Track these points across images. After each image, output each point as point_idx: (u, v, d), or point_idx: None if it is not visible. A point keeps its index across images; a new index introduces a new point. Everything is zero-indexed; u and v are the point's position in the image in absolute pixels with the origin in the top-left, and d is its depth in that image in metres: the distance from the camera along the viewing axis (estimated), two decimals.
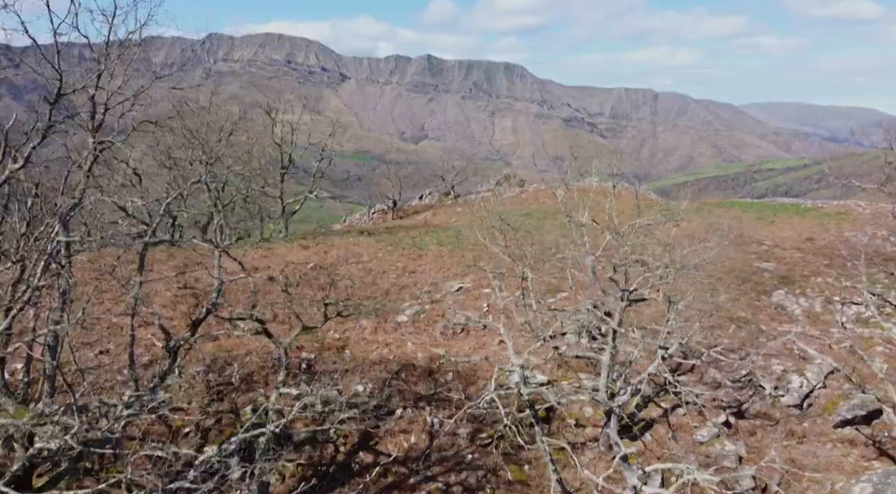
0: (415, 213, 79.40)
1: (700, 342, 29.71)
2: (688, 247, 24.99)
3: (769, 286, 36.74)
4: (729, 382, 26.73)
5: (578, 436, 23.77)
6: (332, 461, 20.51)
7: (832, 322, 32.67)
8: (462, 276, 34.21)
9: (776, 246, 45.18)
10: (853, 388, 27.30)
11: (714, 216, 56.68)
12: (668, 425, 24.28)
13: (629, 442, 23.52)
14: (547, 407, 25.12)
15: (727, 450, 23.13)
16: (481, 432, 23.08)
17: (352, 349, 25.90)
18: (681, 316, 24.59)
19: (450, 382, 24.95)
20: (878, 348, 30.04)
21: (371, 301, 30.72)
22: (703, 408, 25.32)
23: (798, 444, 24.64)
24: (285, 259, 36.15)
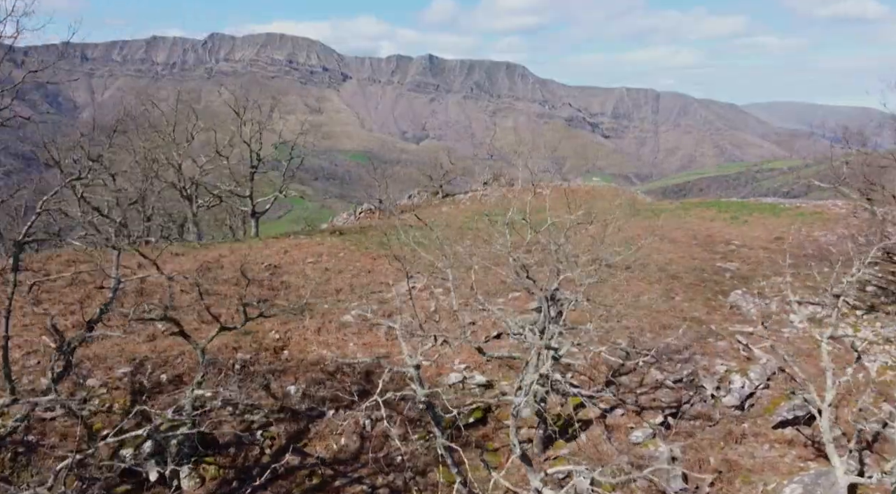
0: (402, 213, 79.42)
1: (644, 342, 29.81)
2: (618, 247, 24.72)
3: (728, 286, 36.68)
4: (670, 382, 26.67)
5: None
6: (256, 463, 20.47)
7: (786, 321, 32.62)
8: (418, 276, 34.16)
9: (744, 245, 45.13)
10: (796, 388, 27.29)
11: (690, 216, 56.79)
12: (604, 426, 24.22)
13: (563, 443, 23.50)
14: (484, 408, 25.18)
15: (660, 451, 23.06)
16: (414, 433, 23.05)
17: (291, 349, 25.87)
18: (613, 317, 24.59)
19: (387, 383, 24.86)
20: (826, 348, 29.92)
21: (321, 300, 30.74)
22: (641, 409, 25.35)
23: (736, 445, 24.57)
24: (246, 258, 36.12)
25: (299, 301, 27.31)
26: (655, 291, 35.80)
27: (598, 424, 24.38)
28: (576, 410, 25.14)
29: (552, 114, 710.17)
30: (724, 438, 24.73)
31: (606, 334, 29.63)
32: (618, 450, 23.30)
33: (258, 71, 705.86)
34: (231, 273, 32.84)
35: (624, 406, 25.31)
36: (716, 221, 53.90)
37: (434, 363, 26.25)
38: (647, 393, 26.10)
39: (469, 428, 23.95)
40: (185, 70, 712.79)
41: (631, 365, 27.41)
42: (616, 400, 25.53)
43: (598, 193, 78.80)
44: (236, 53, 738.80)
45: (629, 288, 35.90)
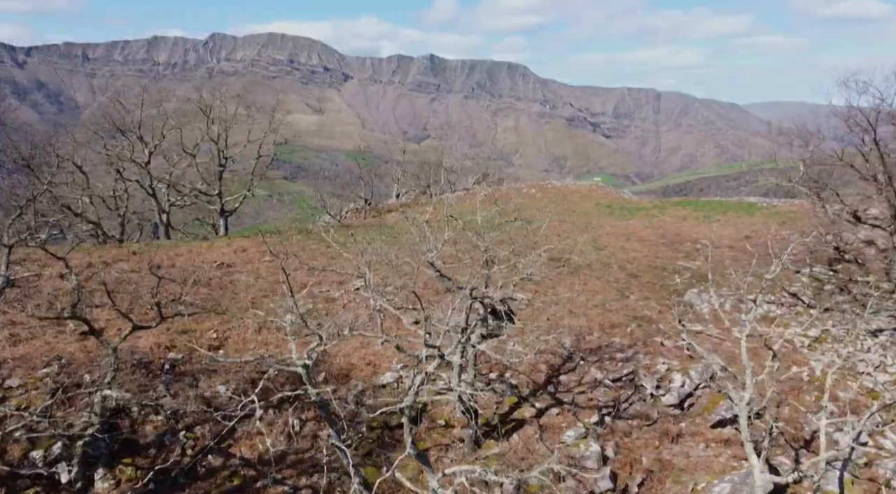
0: (388, 212, 79.33)
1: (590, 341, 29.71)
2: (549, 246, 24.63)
3: (686, 285, 36.55)
4: (609, 381, 26.53)
5: (445, 437, 23.59)
6: (176, 464, 20.33)
7: (737, 320, 32.45)
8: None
9: (710, 244, 44.92)
10: (736, 387, 27.14)
11: (664, 215, 56.63)
12: (538, 425, 24.09)
13: (493, 443, 23.36)
14: (419, 408, 25.03)
15: (591, 451, 22.91)
16: (342, 433, 22.88)
17: (228, 349, 25.77)
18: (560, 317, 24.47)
19: (321, 383, 24.79)
20: (774, 347, 29.77)
21: (268, 300, 30.64)
22: (578, 408, 25.21)
23: (671, 444, 24.44)
24: (200, 257, 36.06)
25: (242, 300, 27.23)
26: (612, 290, 35.70)
27: (532, 423, 24.25)
28: (512, 410, 25.04)
29: (553, 113, 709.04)
30: (660, 437, 24.61)
31: (550, 334, 29.61)
32: (549, 450, 23.15)
33: (259, 71, 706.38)
34: (181, 272, 32.75)
35: (560, 405, 25.18)
36: (688, 220, 53.77)
37: (371, 363, 26.18)
38: (585, 392, 25.97)
39: (400, 428, 23.84)
40: (187, 70, 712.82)
41: (571, 365, 27.29)
42: (553, 400, 25.40)
43: (586, 193, 78.68)
44: (237, 53, 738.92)
45: (586, 287, 35.88)
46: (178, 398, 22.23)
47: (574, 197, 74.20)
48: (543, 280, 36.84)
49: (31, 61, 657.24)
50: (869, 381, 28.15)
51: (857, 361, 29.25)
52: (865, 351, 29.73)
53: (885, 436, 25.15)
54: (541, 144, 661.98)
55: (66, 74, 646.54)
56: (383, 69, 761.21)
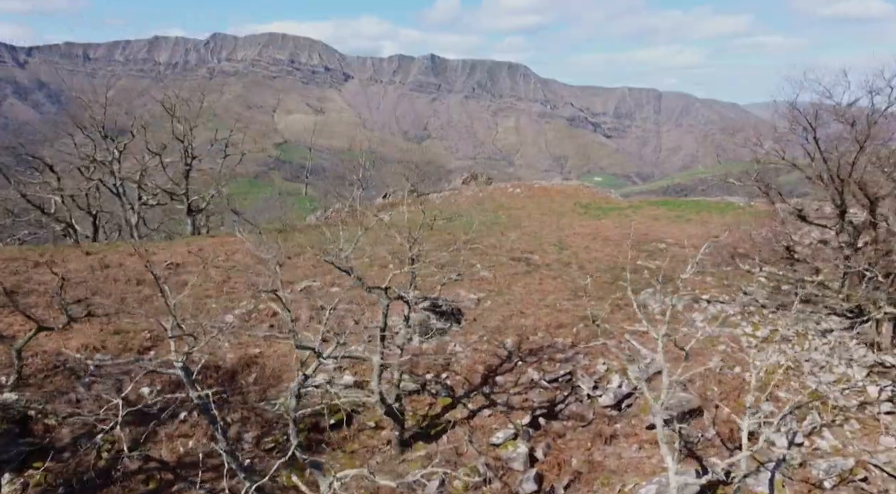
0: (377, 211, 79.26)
1: (534, 341, 29.51)
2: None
3: (642, 285, 36.31)
4: (545, 382, 26.32)
5: (374, 439, 23.43)
6: (91, 468, 20.16)
7: (688, 320, 32.29)
8: (323, 274, 33.92)
9: (675, 244, 44.76)
10: (675, 388, 26.93)
11: (636, 215, 56.42)
12: (468, 427, 23.90)
13: (421, 445, 23.18)
14: (351, 409, 24.84)
15: (518, 452, 22.74)
16: (268, 436, 22.75)
17: (159, 350, 25.61)
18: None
19: (250, 384, 24.66)
20: (720, 347, 29.65)
21: (211, 300, 30.51)
22: (511, 410, 25.02)
23: (604, 445, 24.24)
24: (155, 257, 35.93)
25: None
26: (566, 290, 35.51)
27: (463, 425, 24.07)
28: (445, 411, 24.86)
29: (554, 113, 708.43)
30: (593, 438, 24.42)
31: (494, 334, 29.47)
32: (478, 452, 22.99)
33: (260, 71, 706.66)
34: (130, 272, 32.63)
35: (494, 406, 24.98)
36: (659, 220, 53.55)
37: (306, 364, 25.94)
38: (520, 393, 25.76)
39: (331, 430, 23.70)
40: (188, 70, 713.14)
41: (510, 365, 27.11)
42: (487, 401, 25.21)
43: (572, 192, 78.48)
44: (238, 53, 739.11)
45: (541, 287, 35.69)
46: (100, 400, 22.06)
47: (559, 196, 74.00)
48: (499, 279, 36.75)
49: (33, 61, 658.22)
50: (813, 382, 27.91)
51: (803, 361, 29.00)
52: (813, 351, 29.48)
53: (823, 437, 24.92)
54: (541, 144, 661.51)
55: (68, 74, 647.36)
56: (384, 69, 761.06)
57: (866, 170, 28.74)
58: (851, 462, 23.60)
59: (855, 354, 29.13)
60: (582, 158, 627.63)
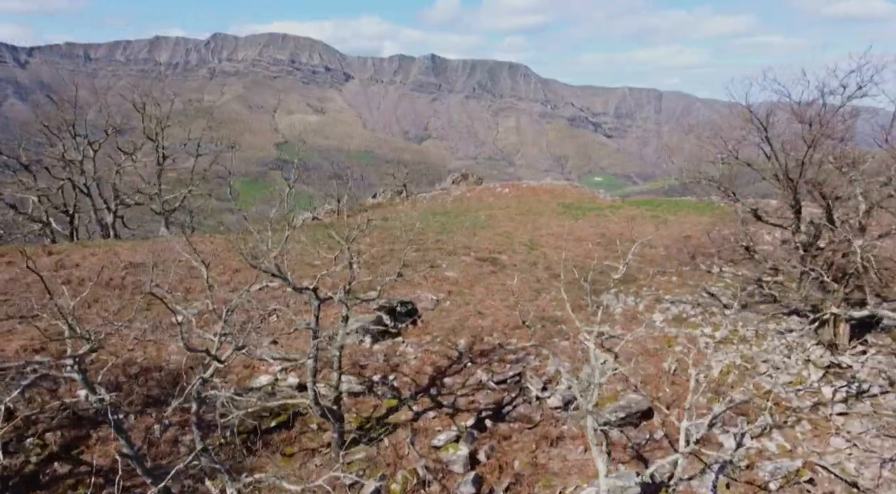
0: (363, 211, 79.14)
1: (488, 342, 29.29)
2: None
3: (605, 285, 36.03)
4: (493, 384, 26.08)
5: (314, 441, 23.18)
6: (17, 473, 19.93)
7: (648, 320, 32.04)
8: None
9: (647, 244, 44.47)
10: (627, 389, 26.76)
11: (614, 215, 56.17)
12: (411, 428, 23.66)
13: (361, 448, 22.94)
14: (294, 411, 24.62)
15: (458, 455, 22.48)
16: (206, 439, 22.45)
17: (104, 352, 25.37)
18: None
19: (194, 387, 24.39)
20: (677, 348, 29.40)
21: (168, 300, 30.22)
22: (457, 411, 24.79)
23: (550, 447, 24.00)
24: (118, 257, 35.74)
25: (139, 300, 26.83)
26: (529, 290, 35.28)
27: (406, 427, 23.82)
28: (390, 412, 24.62)
29: (554, 113, 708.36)
30: (539, 440, 24.16)
31: (449, 335, 29.24)
32: (419, 454, 22.75)
33: (261, 71, 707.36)
34: (85, 273, 32.45)
35: (439, 408, 24.73)
36: (636, 219, 53.32)
37: (249, 365, 25.78)
38: (468, 394, 25.52)
39: (272, 432, 23.47)
40: (188, 70, 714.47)
41: (459, 367, 26.88)
42: (433, 402, 24.98)
43: (559, 192, 78.29)
44: (239, 53, 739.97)
45: (504, 287, 35.45)
46: (34, 403, 21.88)
47: (546, 196, 73.87)
48: (463, 279, 36.53)
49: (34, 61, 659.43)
50: (768, 382, 27.69)
51: (760, 362, 28.77)
52: (770, 351, 29.24)
53: (772, 438, 24.71)
54: (542, 144, 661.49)
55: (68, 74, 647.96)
56: (384, 69, 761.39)
57: (821, 170, 28.50)
58: (798, 464, 23.38)
59: (812, 355, 28.87)
60: (583, 158, 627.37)
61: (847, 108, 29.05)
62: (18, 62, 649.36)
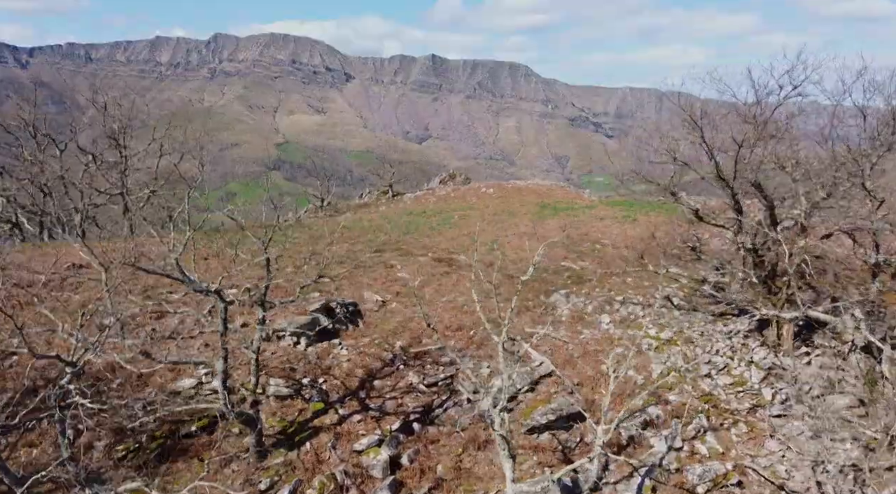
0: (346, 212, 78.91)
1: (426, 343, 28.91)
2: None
3: (560, 286, 35.71)
4: (423, 386, 25.72)
5: (235, 447, 22.82)
6: None
7: (594, 322, 31.69)
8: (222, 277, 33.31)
9: (610, 244, 44.20)
10: (562, 391, 26.39)
11: (585, 215, 55.81)
12: (334, 433, 23.30)
13: (281, 452, 22.59)
14: (216, 415, 24.25)
15: (378, 459, 22.12)
16: (120, 444, 22.14)
17: (24, 353, 25.05)
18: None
19: (114, 389, 24.12)
20: (618, 349, 28.97)
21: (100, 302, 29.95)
22: (383, 415, 24.44)
23: (477, 451, 23.63)
24: (64, 258, 35.46)
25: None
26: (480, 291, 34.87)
27: (330, 431, 23.46)
28: (315, 416, 24.26)
29: (555, 113, 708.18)
30: (466, 444, 23.80)
31: (388, 337, 28.91)
32: (340, 459, 22.40)
33: (261, 71, 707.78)
34: (29, 273, 32.16)
35: (366, 411, 24.38)
36: (605, 220, 52.94)
37: (174, 369, 25.40)
38: (396, 397, 25.16)
39: (192, 437, 23.11)
40: (189, 70, 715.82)
41: (391, 369, 26.54)
42: (360, 406, 24.63)
43: (545, 192, 77.91)
44: (240, 53, 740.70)
45: (455, 288, 35.11)
46: None
47: (531, 196, 73.45)
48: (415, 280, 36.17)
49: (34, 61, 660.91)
50: (708, 384, 27.33)
51: (702, 364, 28.39)
52: (714, 353, 28.85)
53: (705, 441, 24.35)
54: (543, 144, 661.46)
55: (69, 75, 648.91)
56: (385, 69, 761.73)
57: (766, 170, 28.15)
58: (727, 467, 23.04)
59: (756, 356, 28.50)
60: (583, 158, 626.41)
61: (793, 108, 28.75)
62: (19, 62, 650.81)
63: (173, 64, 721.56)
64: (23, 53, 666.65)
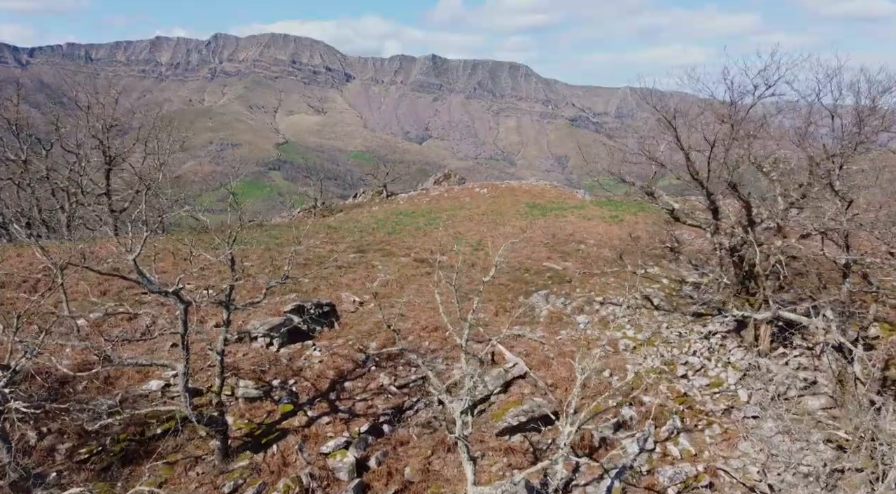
0: (339, 212, 78.80)
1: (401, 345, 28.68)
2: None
3: (540, 287, 35.47)
4: (394, 388, 25.51)
5: (200, 449, 22.59)
6: None
7: (572, 323, 31.48)
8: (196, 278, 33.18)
9: (595, 245, 43.96)
10: (534, 393, 26.19)
11: (573, 216, 55.57)
12: (302, 435, 23.07)
13: (247, 455, 22.37)
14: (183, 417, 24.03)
15: (345, 462, 21.88)
16: (83, 447, 21.91)
17: None
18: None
19: (80, 392, 23.91)
20: (595, 351, 28.74)
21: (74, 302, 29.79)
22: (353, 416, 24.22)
23: (446, 453, 23.38)
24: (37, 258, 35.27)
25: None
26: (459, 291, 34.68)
27: (298, 433, 23.23)
28: (284, 418, 24.04)
29: (556, 113, 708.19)
30: (436, 446, 23.57)
31: (362, 338, 28.71)
32: (307, 461, 22.17)
33: (261, 71, 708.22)
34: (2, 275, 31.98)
35: (335, 413, 24.15)
36: (593, 220, 52.71)
37: (141, 370, 25.20)
38: (367, 399, 24.93)
39: (159, 439, 22.88)
40: (189, 70, 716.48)
41: (362, 370, 26.32)
42: (329, 408, 24.41)
43: (538, 192, 77.70)
44: (240, 54, 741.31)
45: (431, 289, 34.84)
46: None
47: (525, 196, 73.22)
48: (394, 280, 36.00)
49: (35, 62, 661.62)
50: (685, 385, 27.13)
51: (679, 364, 28.19)
52: (691, 354, 28.65)
53: (678, 443, 24.15)
54: (543, 144, 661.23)
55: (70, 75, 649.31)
56: (385, 69, 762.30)
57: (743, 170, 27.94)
58: (698, 469, 22.86)
59: (733, 357, 28.30)
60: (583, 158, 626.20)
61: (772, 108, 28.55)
62: (20, 62, 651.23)
63: (173, 64, 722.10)
64: (23, 53, 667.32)
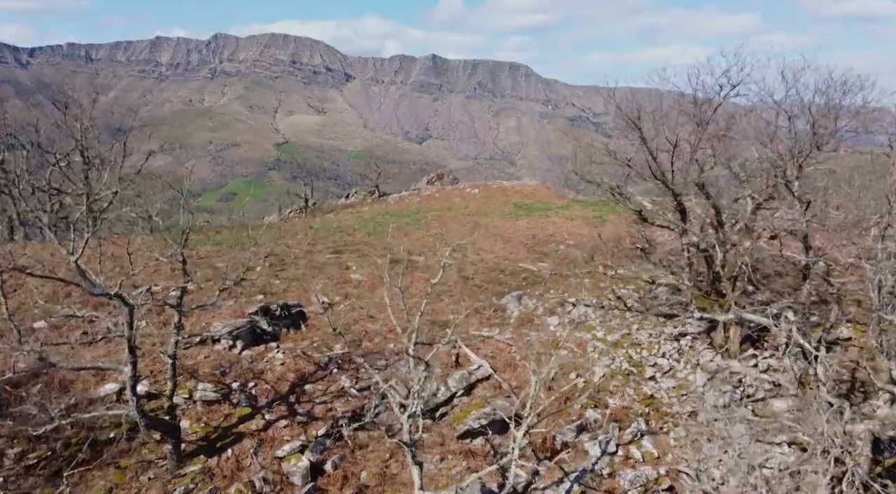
0: (329, 212, 78.51)
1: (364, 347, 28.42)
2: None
3: (514, 288, 35.19)
4: (355, 390, 25.22)
5: (154, 453, 22.28)
6: None
7: (543, 324, 31.19)
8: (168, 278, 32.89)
9: (575, 245, 43.69)
10: (498, 395, 25.91)
11: (557, 216, 55.29)
12: (258, 438, 22.78)
13: (200, 459, 22.07)
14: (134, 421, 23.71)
15: (299, 466, 21.60)
16: (33, 452, 21.62)
17: None
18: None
19: (33, 396, 23.59)
20: (563, 352, 28.49)
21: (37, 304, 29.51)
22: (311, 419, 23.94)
23: (405, 456, 23.12)
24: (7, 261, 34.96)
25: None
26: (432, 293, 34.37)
27: (254, 436, 22.93)
28: (241, 421, 23.74)
29: (556, 113, 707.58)
30: (395, 449, 23.28)
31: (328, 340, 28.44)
32: (261, 465, 21.88)
33: (261, 71, 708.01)
34: None
35: (293, 416, 23.85)
36: (575, 221, 52.46)
37: (97, 373, 24.89)
38: (326, 402, 24.63)
39: (111, 443, 22.57)
40: (189, 70, 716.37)
41: (324, 373, 26.03)
42: (288, 411, 24.13)
43: (529, 192, 77.47)
44: (240, 54, 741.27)
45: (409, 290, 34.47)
46: None
47: (516, 197, 72.96)
48: (367, 281, 35.74)
49: (35, 62, 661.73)
50: (652, 388, 26.84)
51: (647, 366, 27.90)
52: (660, 356, 28.35)
53: (641, 446, 23.89)
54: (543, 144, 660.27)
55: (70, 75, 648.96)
56: (385, 69, 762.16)
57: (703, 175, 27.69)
58: (659, 472, 22.61)
59: (702, 359, 28.00)
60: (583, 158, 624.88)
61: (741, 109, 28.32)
62: (20, 62, 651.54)
63: (173, 64, 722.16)
64: (23, 53, 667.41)
